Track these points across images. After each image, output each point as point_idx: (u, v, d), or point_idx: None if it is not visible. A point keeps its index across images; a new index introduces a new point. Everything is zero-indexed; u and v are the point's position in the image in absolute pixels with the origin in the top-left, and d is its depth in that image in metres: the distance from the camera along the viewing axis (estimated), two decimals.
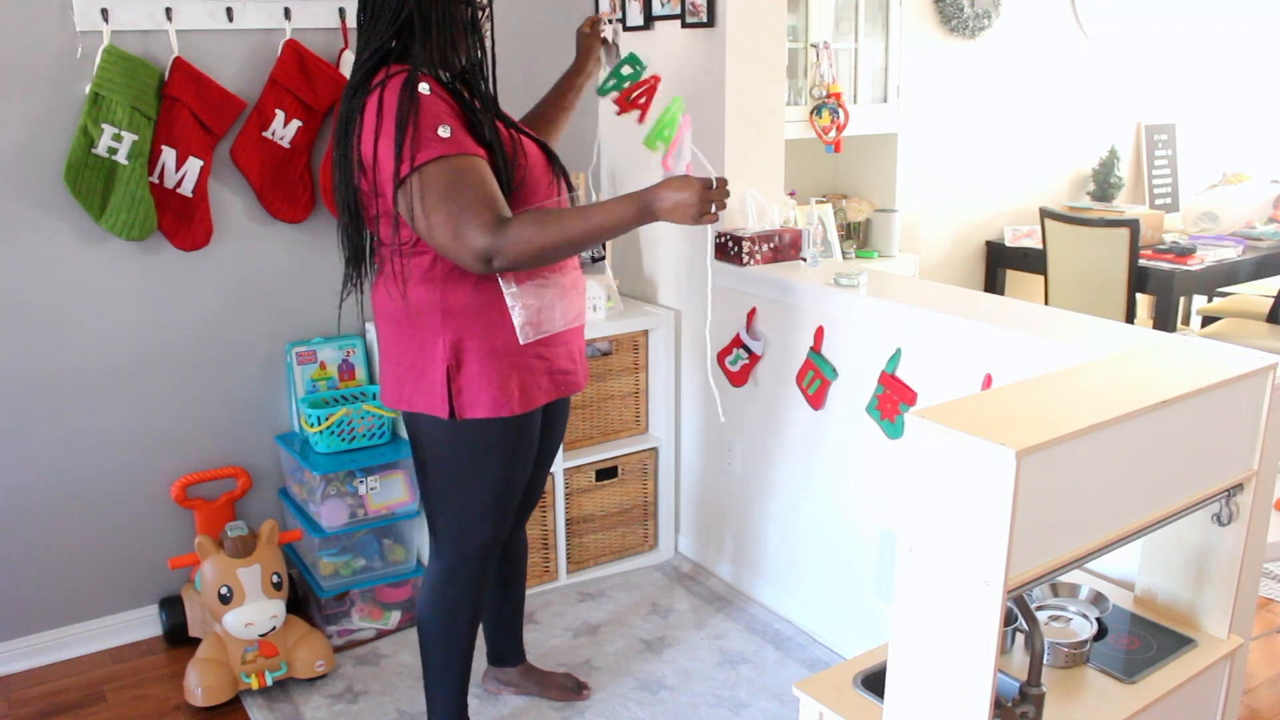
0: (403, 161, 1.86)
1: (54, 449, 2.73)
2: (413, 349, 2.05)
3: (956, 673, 1.42)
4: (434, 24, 1.95)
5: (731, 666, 2.72)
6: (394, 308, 2.05)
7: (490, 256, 1.87)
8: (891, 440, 2.51)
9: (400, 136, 1.86)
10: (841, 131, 3.80)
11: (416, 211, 1.88)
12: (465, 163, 1.89)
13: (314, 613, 2.91)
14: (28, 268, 2.63)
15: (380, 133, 1.88)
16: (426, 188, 1.86)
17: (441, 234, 1.87)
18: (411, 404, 2.08)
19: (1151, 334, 2.15)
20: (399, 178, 1.87)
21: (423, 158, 1.86)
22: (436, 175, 1.86)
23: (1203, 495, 1.67)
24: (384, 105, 1.89)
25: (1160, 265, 4.33)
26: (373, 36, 1.96)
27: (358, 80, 1.96)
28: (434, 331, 2.02)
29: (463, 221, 1.86)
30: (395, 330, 2.07)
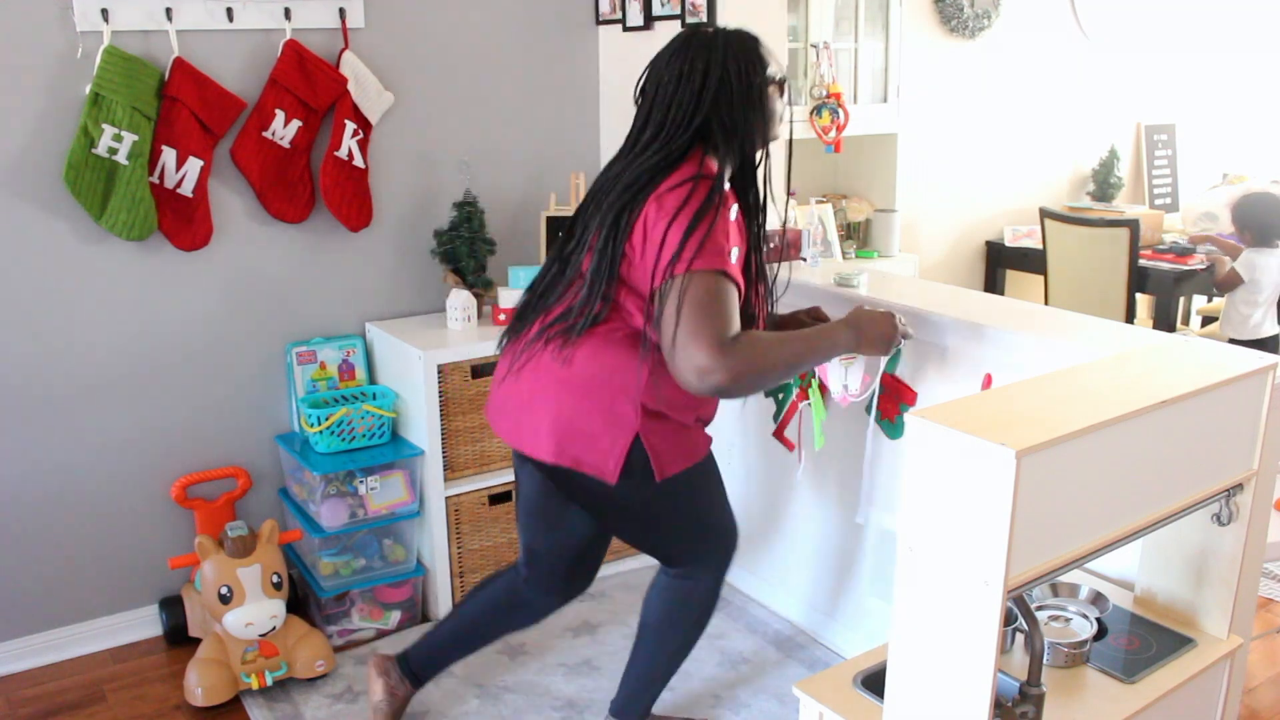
0: (681, 259, 1.88)
1: (54, 449, 2.73)
2: (597, 409, 2.02)
3: (956, 673, 1.42)
4: (738, 116, 2.01)
5: (731, 666, 2.72)
6: (592, 369, 2.01)
7: (710, 371, 1.86)
8: (891, 440, 2.51)
9: (690, 235, 1.89)
10: (841, 131, 3.80)
11: (669, 308, 1.90)
12: (730, 287, 1.91)
13: (314, 613, 2.91)
14: (28, 268, 2.63)
15: (675, 221, 1.91)
16: (689, 290, 1.88)
17: (669, 337, 1.89)
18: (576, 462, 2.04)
19: (1151, 334, 2.14)
20: (672, 269, 1.89)
21: (700, 265, 1.88)
22: (703, 284, 1.88)
23: (1202, 495, 1.67)
24: (690, 200, 1.92)
25: (1160, 265, 4.33)
26: (667, 124, 1.99)
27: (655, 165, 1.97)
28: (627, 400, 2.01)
29: (698, 332, 1.87)
30: (582, 390, 2.02)
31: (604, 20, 3.30)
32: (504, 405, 2.13)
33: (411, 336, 2.92)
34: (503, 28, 3.18)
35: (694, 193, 1.93)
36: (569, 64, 3.32)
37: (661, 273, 1.91)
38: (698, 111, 1.99)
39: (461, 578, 2.97)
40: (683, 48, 2.02)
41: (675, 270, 1.89)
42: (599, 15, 3.31)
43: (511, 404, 2.10)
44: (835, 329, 2.06)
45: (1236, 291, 4.04)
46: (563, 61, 3.31)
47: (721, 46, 2.01)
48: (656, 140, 2.01)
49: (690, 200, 1.92)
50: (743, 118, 2.02)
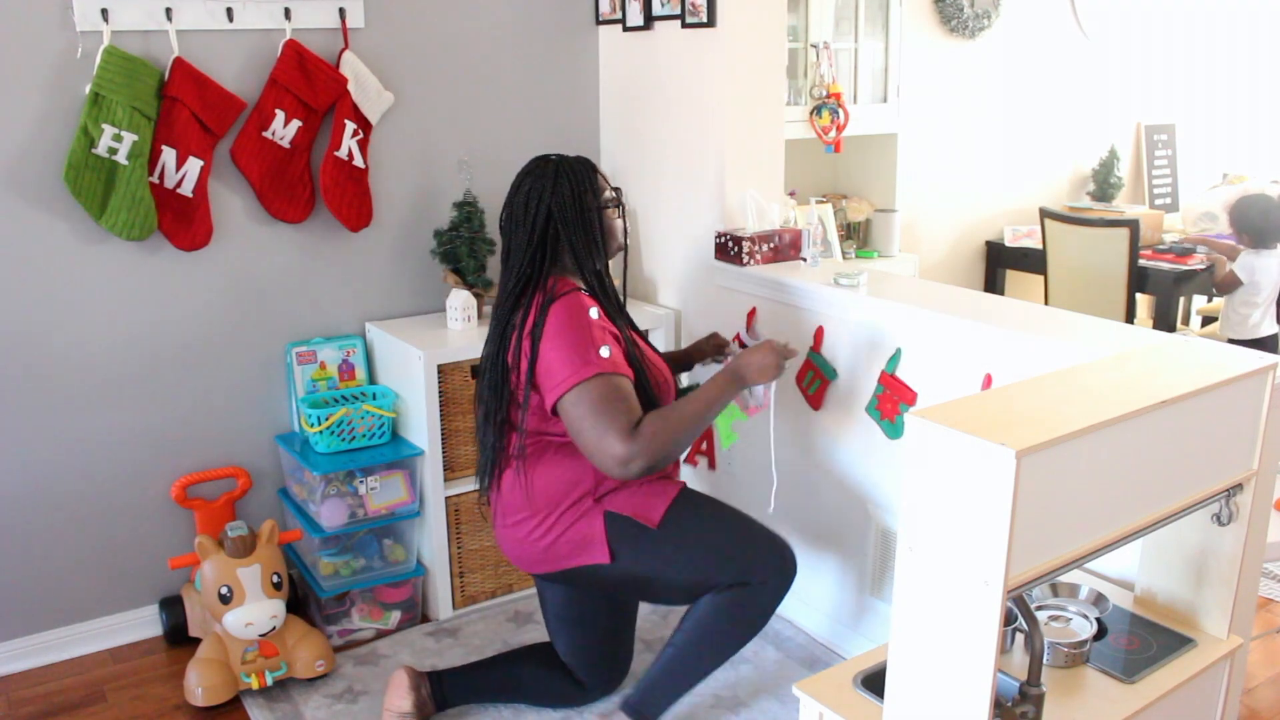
0: (564, 379, 2.11)
1: (54, 449, 2.73)
2: (567, 520, 2.25)
3: (956, 673, 1.42)
4: (576, 237, 2.25)
5: (731, 666, 2.71)
6: (551, 492, 2.26)
7: (628, 460, 2.08)
8: (891, 440, 2.51)
9: (563, 352, 2.13)
10: (841, 131, 3.80)
11: (573, 419, 2.12)
12: (617, 381, 2.13)
13: (314, 613, 2.91)
14: (28, 268, 2.63)
15: (543, 345, 2.15)
16: (581, 401, 2.10)
17: (586, 444, 2.11)
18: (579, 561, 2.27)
19: (1151, 334, 2.15)
20: (560, 390, 2.11)
21: (583, 375, 2.10)
22: (593, 390, 2.10)
23: (1202, 495, 1.67)
24: (547, 323, 2.16)
25: (1160, 265, 4.33)
26: (516, 249, 2.26)
27: (515, 290, 2.23)
28: (588, 498, 2.26)
29: (605, 432, 2.08)
30: (545, 508, 2.26)
31: (604, 20, 3.30)
32: (504, 543, 2.37)
33: (411, 336, 2.92)
34: (503, 28, 3.18)
35: (547, 316, 2.16)
36: (569, 64, 3.32)
37: (553, 396, 2.13)
38: (535, 236, 2.23)
39: (461, 578, 2.97)
40: (524, 179, 2.27)
41: (562, 390, 2.11)
42: (599, 15, 3.31)
43: (508, 542, 2.34)
44: (717, 382, 2.25)
45: (1236, 293, 4.04)
46: (563, 61, 3.31)
47: (553, 175, 2.24)
48: (510, 268, 2.27)
49: (548, 323, 2.16)
50: (580, 238, 2.25)
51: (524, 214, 2.24)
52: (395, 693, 2.39)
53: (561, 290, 2.20)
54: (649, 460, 2.09)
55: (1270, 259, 4.00)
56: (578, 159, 2.29)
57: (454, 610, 2.97)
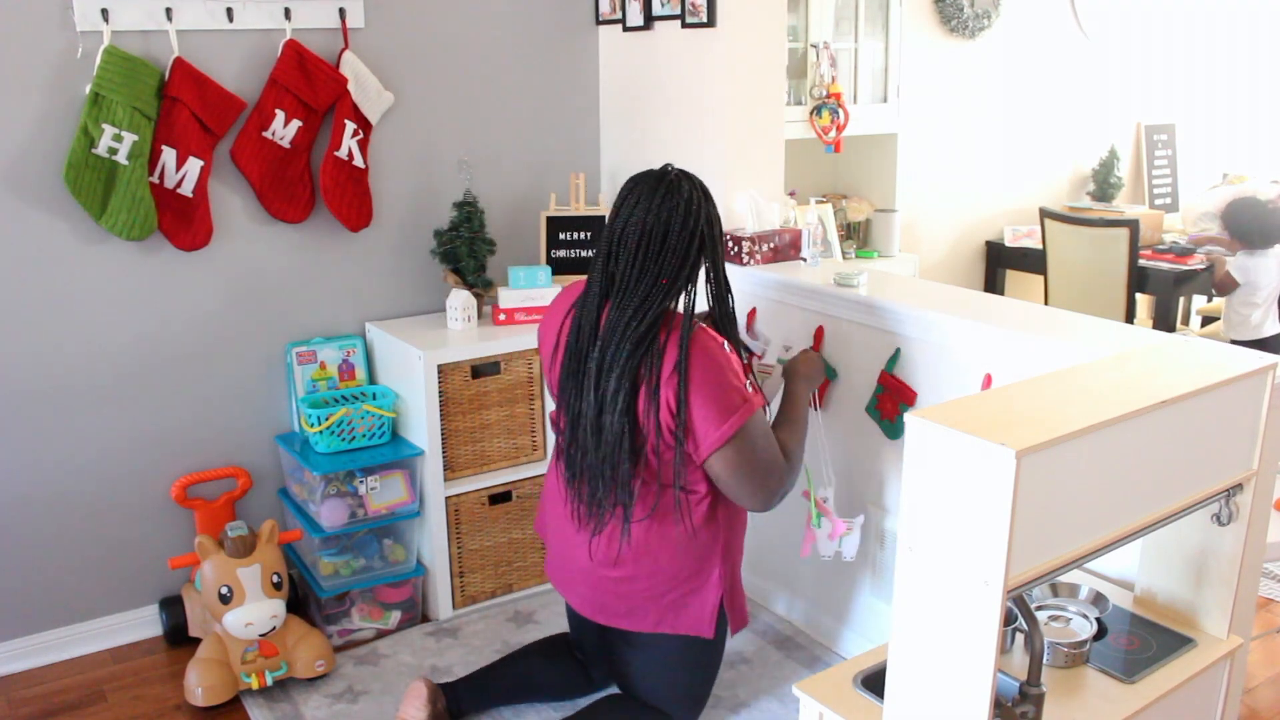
0: (725, 423, 2.01)
1: (54, 449, 2.73)
2: (682, 580, 2.20)
3: (956, 673, 1.42)
4: (719, 270, 2.14)
5: (731, 666, 2.71)
6: (670, 543, 2.16)
7: (783, 491, 2.14)
8: (891, 440, 2.51)
9: (711, 402, 2.01)
10: (841, 131, 3.80)
11: (734, 465, 2.04)
12: (759, 418, 2.07)
13: (314, 613, 2.91)
14: (28, 268, 2.63)
15: (691, 396, 2.01)
16: (742, 447, 2.04)
17: (748, 486, 2.08)
18: (674, 628, 2.24)
19: (1151, 334, 2.15)
20: (724, 439, 2.01)
21: (740, 420, 2.01)
22: (745, 438, 2.04)
23: (1202, 495, 1.67)
24: (701, 364, 2.01)
25: (1160, 265, 4.33)
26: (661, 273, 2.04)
27: (644, 328, 2.02)
28: (712, 563, 2.21)
29: (769, 472, 2.09)
30: (661, 565, 2.18)
31: (604, 20, 3.30)
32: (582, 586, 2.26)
33: (411, 336, 2.92)
34: (503, 28, 3.18)
35: (690, 361, 2.00)
36: (569, 64, 3.32)
37: (709, 447, 2.03)
38: (689, 262, 2.07)
39: (461, 577, 2.97)
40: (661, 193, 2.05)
41: (721, 441, 2.02)
42: (599, 15, 3.31)
43: (589, 587, 2.25)
44: (796, 396, 2.30)
45: (1235, 293, 4.05)
46: (563, 61, 3.31)
47: (701, 195, 2.09)
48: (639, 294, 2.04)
49: (693, 369, 2.00)
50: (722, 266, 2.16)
51: (676, 240, 2.03)
52: (411, 704, 2.34)
53: (689, 326, 2.05)
54: (793, 483, 2.17)
55: (1265, 259, 4.01)
56: (697, 177, 2.14)
57: (454, 610, 2.97)
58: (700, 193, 2.10)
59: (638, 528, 2.15)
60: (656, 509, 2.14)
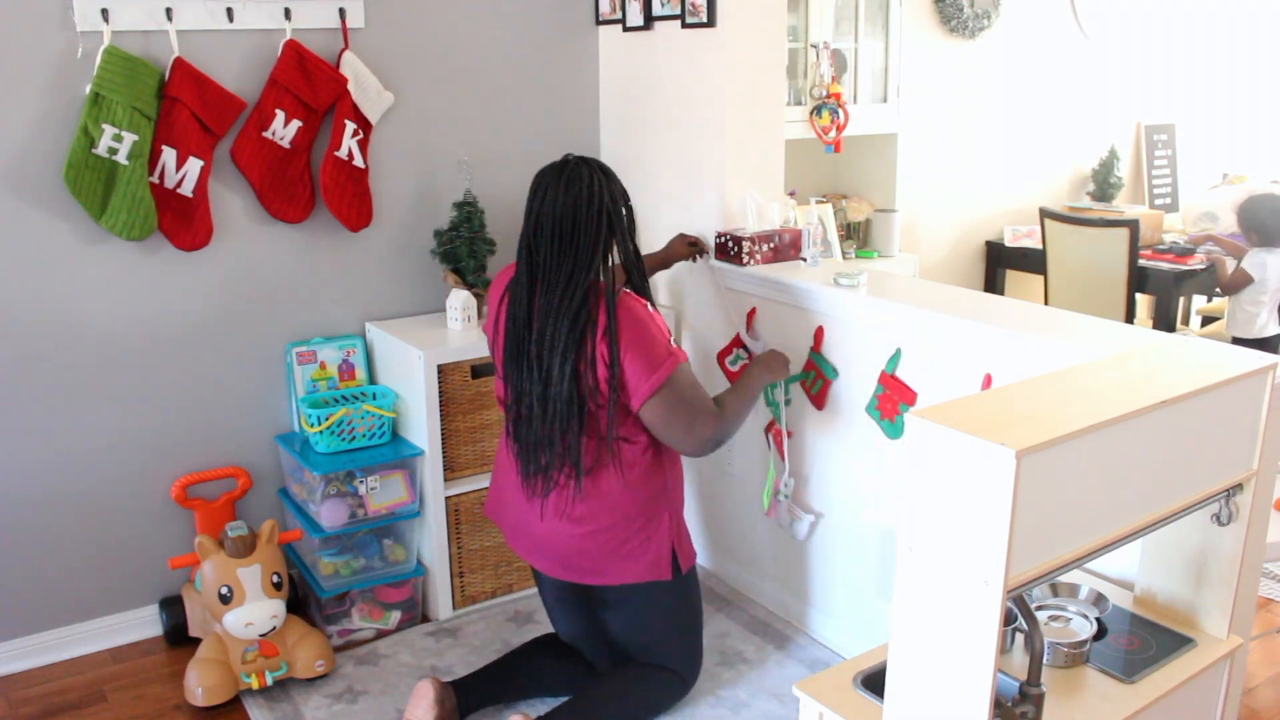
0: (654, 375, 2.19)
1: (54, 449, 2.73)
2: (636, 528, 2.33)
3: (956, 673, 1.42)
4: (628, 237, 2.30)
5: (731, 666, 2.72)
6: (619, 492, 2.30)
7: (716, 438, 2.27)
8: (891, 440, 2.51)
9: (639, 356, 2.19)
10: (841, 131, 3.80)
11: (663, 413, 2.22)
12: (688, 369, 2.27)
13: (314, 613, 2.91)
14: (28, 268, 2.63)
15: (630, 348, 2.19)
16: (668, 395, 2.21)
17: (676, 434, 2.24)
18: (636, 575, 2.35)
19: (1151, 334, 2.15)
20: (652, 389, 2.19)
21: (667, 371, 2.20)
22: (676, 382, 2.22)
23: (1202, 495, 1.67)
24: (627, 323, 2.19)
25: (1160, 265, 4.33)
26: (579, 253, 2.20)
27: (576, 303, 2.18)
28: (660, 509, 2.36)
29: (695, 416, 2.24)
30: (615, 514, 2.31)
31: (604, 20, 3.30)
32: (544, 547, 2.38)
33: (411, 336, 2.92)
34: (503, 28, 3.18)
35: (618, 321, 2.19)
36: (569, 64, 3.32)
37: (640, 398, 2.20)
38: (600, 239, 2.22)
39: (461, 577, 2.97)
40: (562, 180, 2.21)
41: (649, 391, 2.19)
42: (599, 15, 3.31)
43: (552, 546, 2.36)
44: (754, 374, 2.48)
45: (1243, 291, 4.04)
46: (563, 61, 3.31)
47: (601, 176, 2.24)
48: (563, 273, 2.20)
49: (621, 328, 2.18)
50: (632, 238, 2.32)
51: (585, 220, 2.19)
52: (419, 704, 2.34)
53: (613, 293, 2.22)
54: (725, 436, 2.29)
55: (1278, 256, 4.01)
56: (596, 160, 2.29)
57: (454, 610, 2.97)
58: (601, 174, 2.25)
59: (588, 482, 2.29)
60: (602, 463, 2.29)
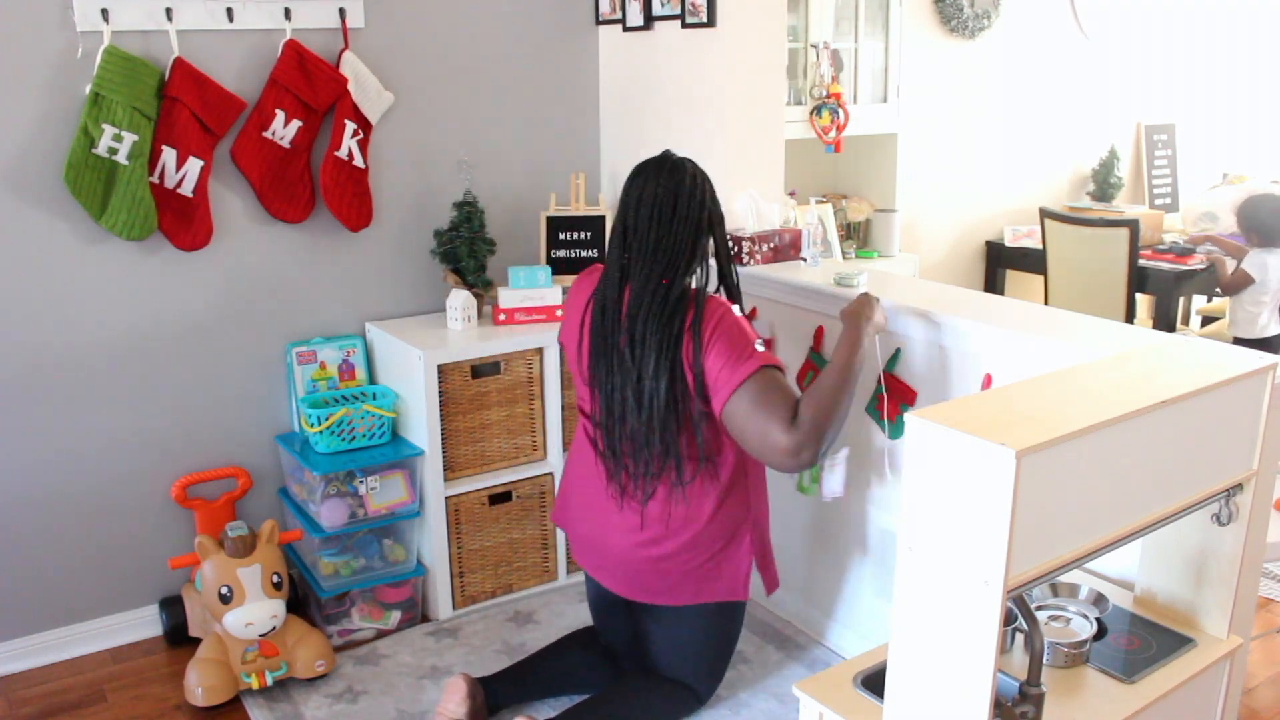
0: (737, 371, 2.09)
1: (54, 449, 2.73)
2: (717, 549, 2.29)
3: (956, 673, 1.42)
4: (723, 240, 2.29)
5: (731, 666, 2.71)
6: (703, 514, 2.26)
7: (798, 450, 2.05)
8: (891, 440, 2.51)
9: (727, 354, 2.11)
10: (841, 131, 3.80)
11: (738, 419, 2.10)
12: (774, 373, 2.12)
13: (314, 613, 2.91)
14: (28, 268, 2.63)
15: (709, 355, 2.12)
16: (743, 399, 2.08)
17: (754, 439, 2.09)
18: (711, 595, 2.32)
19: (1151, 334, 2.15)
20: (730, 390, 2.09)
21: (754, 366, 2.09)
22: (753, 386, 2.08)
23: (1202, 495, 1.67)
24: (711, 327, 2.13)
25: (1160, 265, 4.33)
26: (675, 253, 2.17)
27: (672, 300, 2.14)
28: (743, 529, 2.31)
29: (768, 426, 2.06)
30: (697, 533, 2.26)
31: (604, 20, 3.30)
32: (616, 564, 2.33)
33: (411, 336, 2.92)
34: (503, 28, 3.18)
35: (703, 325, 2.13)
36: (569, 64, 3.32)
37: (720, 400, 2.11)
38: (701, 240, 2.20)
39: (461, 578, 2.97)
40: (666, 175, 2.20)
41: (728, 393, 2.09)
42: (599, 15, 3.31)
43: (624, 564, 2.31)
44: (847, 342, 2.17)
45: (1244, 291, 4.04)
46: (563, 61, 3.31)
47: (703, 178, 2.24)
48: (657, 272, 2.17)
49: (704, 333, 2.12)
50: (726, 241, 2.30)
51: (685, 210, 2.18)
52: (451, 699, 2.35)
53: (702, 294, 2.19)
54: (816, 444, 2.06)
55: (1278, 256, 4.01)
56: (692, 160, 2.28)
57: (454, 610, 2.97)
58: (701, 172, 2.26)
59: (674, 502, 2.23)
60: (690, 482, 2.23)
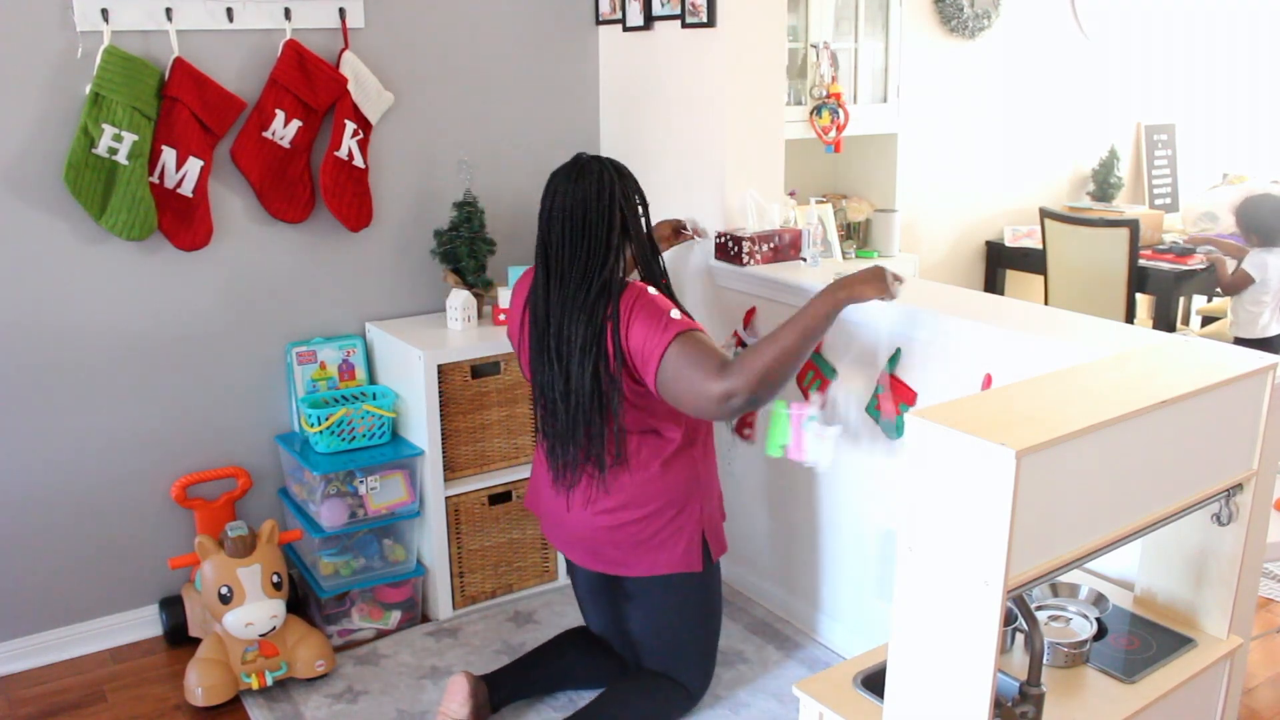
0: (660, 338, 2.13)
1: (54, 449, 2.73)
2: (668, 518, 2.31)
3: (956, 673, 1.42)
4: (642, 236, 2.30)
5: (731, 666, 2.71)
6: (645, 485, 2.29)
7: (728, 395, 2.07)
8: (891, 440, 2.51)
9: (646, 328, 2.15)
10: (841, 131, 3.80)
11: (670, 384, 2.13)
12: (695, 334, 2.15)
13: (314, 613, 2.91)
14: (28, 268, 2.63)
15: (631, 329, 2.16)
16: (670, 364, 2.12)
17: (688, 397, 2.11)
18: (666, 566, 2.33)
19: (1151, 334, 2.14)
20: (655, 363, 2.13)
21: (677, 329, 2.13)
22: (677, 349, 2.12)
23: (1203, 495, 1.67)
24: (627, 309, 2.18)
25: (1160, 265, 4.33)
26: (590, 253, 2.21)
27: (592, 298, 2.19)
28: (690, 498, 2.33)
29: (696, 377, 2.09)
30: (645, 504, 2.29)
31: (604, 20, 3.30)
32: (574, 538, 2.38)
33: (411, 336, 2.92)
34: (503, 28, 3.18)
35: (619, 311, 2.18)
36: (569, 64, 3.32)
37: (651, 374, 2.15)
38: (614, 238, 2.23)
39: (461, 578, 2.97)
40: (577, 179, 2.23)
41: (654, 365, 2.13)
42: (599, 15, 3.31)
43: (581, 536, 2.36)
44: (816, 299, 2.14)
45: (1245, 292, 4.04)
46: (563, 61, 3.31)
47: (613, 175, 2.24)
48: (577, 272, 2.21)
49: (622, 317, 2.18)
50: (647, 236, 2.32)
51: (596, 216, 2.20)
52: (454, 698, 2.35)
53: (617, 286, 2.23)
54: (749, 390, 2.06)
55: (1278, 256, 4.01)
56: (609, 158, 2.29)
57: (454, 610, 2.97)
58: (612, 171, 2.25)
59: (614, 474, 2.28)
60: (629, 455, 2.28)
